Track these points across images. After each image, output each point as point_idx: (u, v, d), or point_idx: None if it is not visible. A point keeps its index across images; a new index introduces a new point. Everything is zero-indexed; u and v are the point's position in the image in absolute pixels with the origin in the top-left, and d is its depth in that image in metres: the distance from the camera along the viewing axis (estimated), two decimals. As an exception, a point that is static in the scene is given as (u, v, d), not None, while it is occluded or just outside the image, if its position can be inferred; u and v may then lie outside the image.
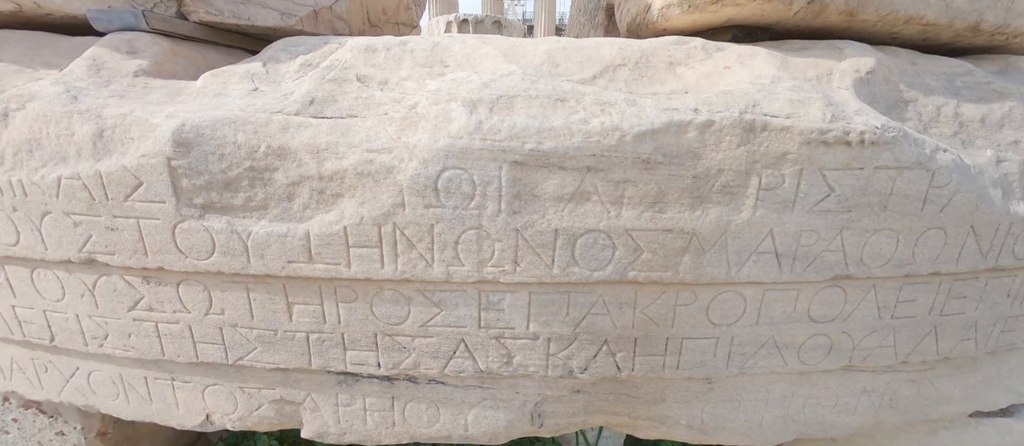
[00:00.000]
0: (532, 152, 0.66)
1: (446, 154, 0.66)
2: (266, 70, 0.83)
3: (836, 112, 0.68)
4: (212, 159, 0.70)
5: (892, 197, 0.71)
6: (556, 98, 0.68)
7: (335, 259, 0.73)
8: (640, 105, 0.68)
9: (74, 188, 0.72)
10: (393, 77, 0.75)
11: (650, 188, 0.68)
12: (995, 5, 0.85)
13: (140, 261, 0.76)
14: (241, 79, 0.80)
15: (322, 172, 0.70)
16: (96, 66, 0.80)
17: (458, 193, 0.68)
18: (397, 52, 0.77)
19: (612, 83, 0.74)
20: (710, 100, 0.68)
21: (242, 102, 0.74)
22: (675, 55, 0.78)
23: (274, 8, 1.01)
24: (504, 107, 0.67)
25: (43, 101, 0.73)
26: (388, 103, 0.71)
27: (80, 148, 0.72)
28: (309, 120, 0.71)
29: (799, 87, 0.70)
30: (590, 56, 0.76)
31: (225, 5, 0.98)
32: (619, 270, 0.73)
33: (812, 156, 0.68)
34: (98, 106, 0.73)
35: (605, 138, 0.66)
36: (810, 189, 0.70)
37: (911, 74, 0.83)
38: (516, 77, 0.70)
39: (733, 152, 0.67)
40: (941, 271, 0.78)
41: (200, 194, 0.71)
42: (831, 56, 0.79)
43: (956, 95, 0.82)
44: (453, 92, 0.68)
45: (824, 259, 0.74)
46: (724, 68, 0.75)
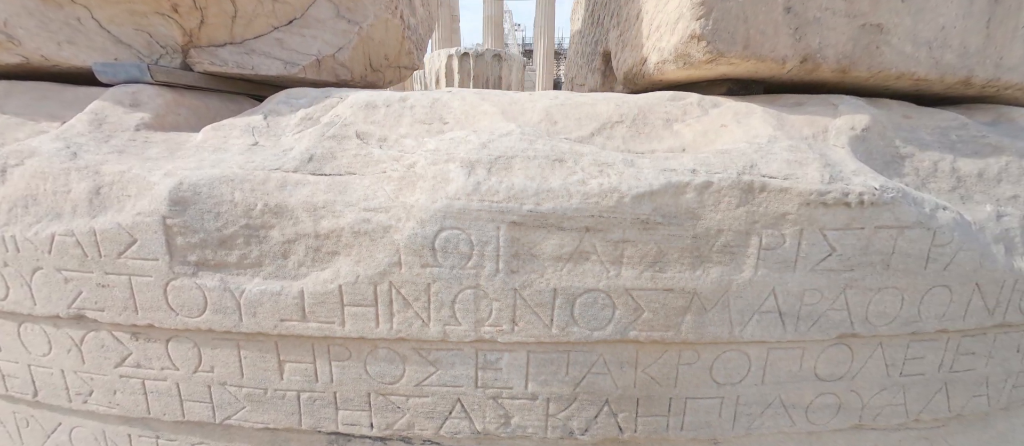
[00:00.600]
0: (530, 213, 0.66)
1: (444, 215, 0.66)
2: (267, 123, 0.83)
3: (834, 173, 0.68)
4: (208, 217, 0.69)
5: (894, 256, 0.71)
6: (554, 159, 0.68)
7: (329, 318, 0.71)
8: (638, 166, 0.68)
9: (67, 245, 0.71)
10: (392, 134, 0.75)
11: (650, 248, 0.68)
12: (984, 61, 0.87)
13: (130, 318, 0.74)
14: (242, 133, 0.81)
15: (318, 230, 0.69)
16: (98, 120, 0.81)
17: (455, 253, 0.68)
18: (397, 109, 0.78)
19: (610, 141, 0.74)
20: (708, 160, 0.69)
21: (241, 158, 0.74)
22: (672, 112, 0.79)
23: (278, 58, 1.04)
24: (502, 168, 0.67)
25: (42, 158, 0.74)
26: (387, 161, 0.71)
27: (76, 205, 0.72)
28: (307, 177, 0.71)
29: (796, 147, 0.71)
30: (588, 113, 0.77)
31: (230, 56, 1.00)
32: (620, 330, 0.71)
33: (812, 216, 0.67)
34: (97, 162, 0.73)
35: (603, 199, 0.66)
36: (811, 249, 0.69)
37: (906, 129, 0.83)
38: (514, 137, 0.70)
39: (732, 213, 0.67)
40: (948, 328, 0.77)
41: (194, 252, 0.71)
42: (826, 113, 0.80)
43: (952, 150, 0.82)
44: (451, 152, 0.69)
45: (828, 318, 0.73)
46: (721, 126, 0.75)
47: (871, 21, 0.78)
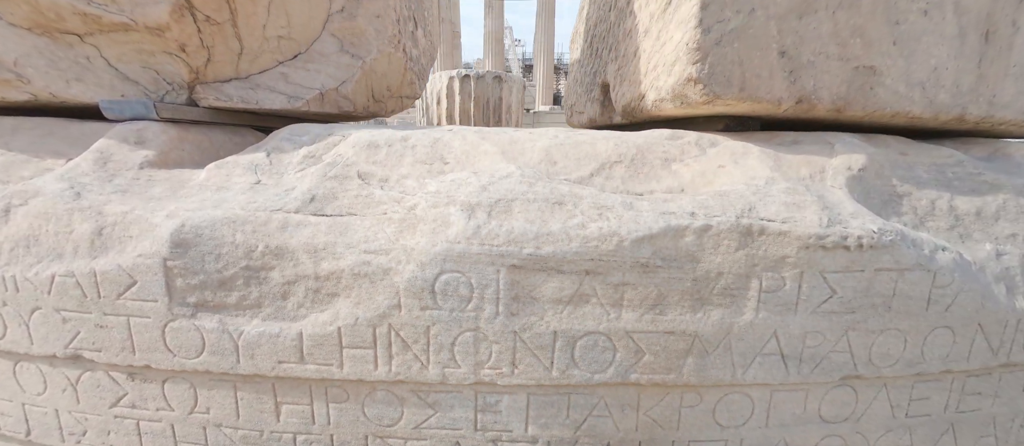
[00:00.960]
0: (530, 257, 0.66)
1: (444, 258, 0.66)
2: (270, 161, 0.84)
3: (832, 216, 0.68)
4: (209, 259, 0.69)
5: (895, 298, 0.70)
6: (554, 201, 0.68)
7: (327, 360, 0.71)
8: (637, 208, 0.68)
9: (67, 285, 0.71)
10: (393, 174, 0.76)
11: (650, 291, 0.68)
12: (978, 99, 0.88)
13: (127, 359, 0.74)
14: (244, 171, 0.82)
15: (319, 272, 0.69)
16: (103, 159, 0.82)
17: (455, 296, 0.67)
18: (398, 149, 0.79)
19: (609, 181, 0.75)
20: (706, 203, 0.69)
21: (243, 198, 0.75)
22: (670, 151, 0.80)
23: (282, 92, 1.05)
24: (502, 211, 0.68)
25: (46, 198, 0.74)
26: (388, 202, 0.72)
27: (77, 245, 0.72)
28: (309, 218, 0.72)
29: (793, 189, 0.71)
30: (587, 153, 0.78)
31: (235, 91, 1.01)
32: (621, 372, 0.70)
33: (811, 260, 0.68)
34: (100, 203, 0.74)
35: (603, 243, 0.66)
36: (812, 291, 0.69)
37: (902, 167, 0.84)
38: (514, 179, 0.71)
39: (732, 256, 0.67)
40: (953, 369, 0.76)
41: (194, 293, 0.71)
42: (823, 152, 0.81)
43: (949, 188, 0.83)
44: (452, 195, 0.69)
45: (831, 360, 0.72)
46: (718, 167, 0.76)
47: (864, 64, 0.80)
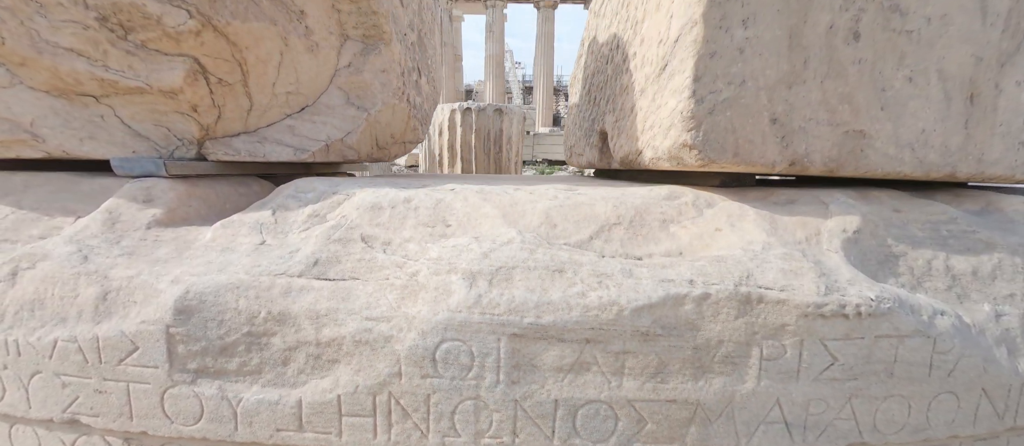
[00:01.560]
0: (531, 326, 0.66)
1: (445, 327, 0.67)
2: (275, 219, 0.86)
3: (829, 283, 0.69)
4: (211, 325, 0.70)
5: (897, 364, 0.70)
6: (554, 269, 0.69)
7: (326, 428, 0.70)
8: (636, 276, 0.69)
9: (69, 350, 0.72)
10: (396, 238, 0.77)
11: (651, 359, 0.68)
12: (966, 158, 0.91)
13: (124, 425, 0.73)
14: (250, 230, 0.83)
15: (320, 338, 0.70)
16: (111, 220, 0.83)
17: (456, 364, 0.67)
18: (401, 211, 0.81)
19: (608, 244, 0.76)
20: (705, 269, 0.70)
21: (247, 261, 0.76)
22: (667, 212, 0.81)
23: (289, 145, 1.08)
24: (503, 279, 0.69)
25: (54, 262, 0.75)
26: (390, 268, 0.73)
27: (82, 310, 0.73)
28: (312, 283, 0.73)
29: (790, 255, 0.72)
30: (586, 215, 0.80)
31: (242, 145, 1.04)
32: (623, 441, 0.69)
33: (811, 328, 0.68)
34: (106, 267, 0.75)
35: (603, 313, 0.66)
36: (813, 359, 0.69)
37: (896, 225, 0.86)
38: (515, 246, 0.72)
39: (732, 324, 0.68)
40: (959, 434, 0.75)
41: (195, 359, 0.71)
42: (817, 213, 0.82)
43: (944, 246, 0.84)
44: (454, 262, 0.70)
45: (836, 427, 0.71)
46: (715, 230, 0.77)
47: (854, 128, 0.82)
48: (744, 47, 0.75)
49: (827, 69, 0.79)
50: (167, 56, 0.86)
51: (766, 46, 0.76)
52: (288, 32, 0.98)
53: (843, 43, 0.78)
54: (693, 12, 0.75)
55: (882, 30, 0.80)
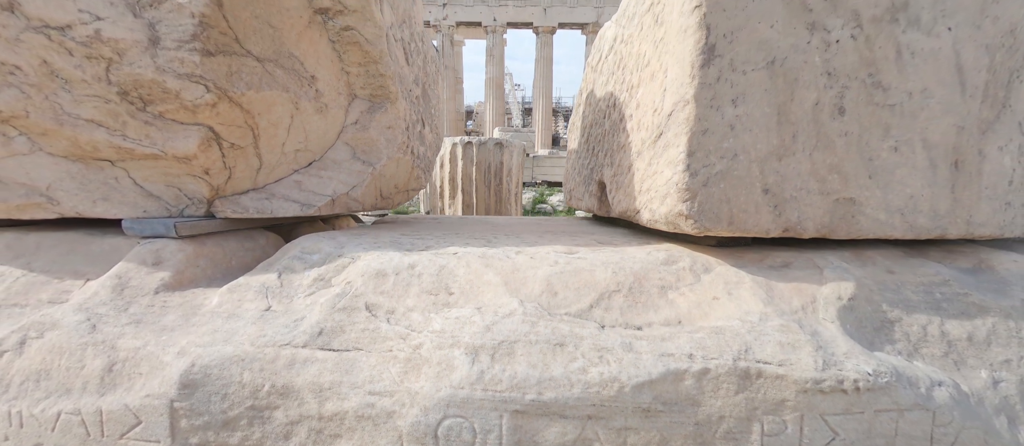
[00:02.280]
0: (533, 402, 0.67)
1: (448, 403, 0.67)
2: (280, 283, 0.87)
3: (826, 357, 0.70)
4: (215, 399, 0.70)
5: (898, 438, 0.70)
6: (556, 343, 0.71)
7: (327, 505, 0.70)
8: (637, 350, 0.70)
9: (72, 423, 0.72)
10: (400, 306, 0.79)
11: (653, 435, 0.68)
12: (955, 220, 0.93)
13: (122, 500, 0.72)
14: (256, 295, 0.85)
15: (323, 412, 0.70)
16: (120, 285, 0.85)
17: (458, 441, 0.68)
18: (405, 277, 0.82)
19: (608, 313, 0.78)
20: (704, 343, 0.71)
21: (253, 330, 0.77)
22: (666, 279, 0.83)
23: (296, 200, 1.11)
24: (505, 354, 0.70)
25: (62, 331, 0.76)
26: (394, 339, 0.74)
27: (87, 382, 0.73)
28: (316, 354, 0.73)
29: (787, 327, 0.73)
30: (586, 282, 0.81)
31: (251, 202, 1.07)
32: (626, 519, 0.69)
33: (811, 403, 0.68)
34: (114, 337, 0.76)
35: (604, 389, 0.67)
36: (814, 434, 0.69)
37: (891, 288, 0.87)
38: (517, 318, 0.73)
39: (732, 399, 0.68)
40: (966, 508, 0.74)
41: (197, 434, 0.71)
42: (812, 278, 0.84)
43: (938, 311, 0.85)
44: (456, 335, 0.71)
45: (840, 504, 0.71)
46: (713, 298, 0.79)
47: (844, 196, 0.85)
48: (735, 124, 0.79)
49: (815, 142, 0.82)
50: (183, 125, 0.90)
51: (756, 122, 0.79)
52: (299, 97, 1.03)
53: (829, 118, 0.82)
54: (685, 92, 0.79)
55: (866, 105, 0.84)
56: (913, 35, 0.84)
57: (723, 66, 0.77)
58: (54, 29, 0.79)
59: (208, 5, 0.82)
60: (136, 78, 0.83)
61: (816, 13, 0.79)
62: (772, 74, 0.79)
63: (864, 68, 0.83)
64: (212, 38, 0.84)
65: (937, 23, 0.85)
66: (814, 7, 0.79)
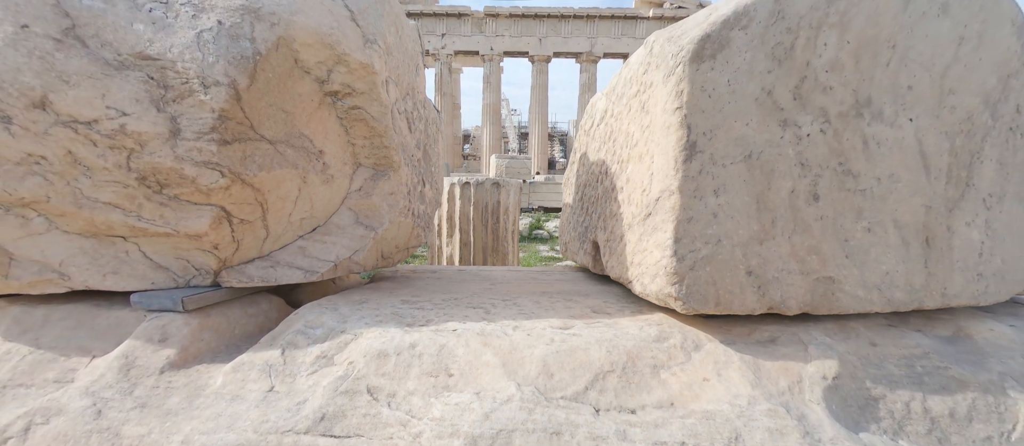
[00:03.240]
0: (530, 494, 0.68)
1: (447, 495, 0.68)
2: (284, 360, 0.90)
3: (813, 444, 0.73)
4: (217, 491, 0.71)
5: (887, 525, 0.72)
6: (552, 432, 0.73)
7: None
8: (631, 438, 0.72)
9: (70, 516, 0.72)
10: (401, 389, 0.81)
11: (647, 526, 0.69)
12: (931, 293, 0.98)
13: None
14: (259, 374, 0.87)
15: (323, 503, 0.71)
16: (126, 365, 0.87)
17: (457, 534, 0.68)
18: (406, 358, 0.85)
19: (603, 395, 0.80)
20: (696, 430, 0.74)
21: (256, 414, 0.78)
22: (658, 357, 0.86)
23: (299, 267, 1.14)
24: (503, 444, 0.72)
25: (67, 417, 0.78)
26: (395, 425, 0.76)
27: (89, 472, 0.74)
28: (317, 441, 0.75)
29: (775, 411, 0.76)
30: (581, 361, 0.84)
31: (256, 271, 1.10)
32: None
33: (800, 491, 0.70)
34: (119, 423, 0.77)
35: (600, 480, 0.69)
36: (805, 523, 0.71)
37: (874, 363, 0.91)
38: (514, 405, 0.76)
39: (723, 488, 0.70)
40: None
41: (197, 527, 0.71)
42: (798, 356, 0.88)
43: (920, 386, 0.89)
44: (456, 424, 0.74)
45: None
46: (703, 380, 0.82)
47: (823, 275, 0.90)
48: (717, 212, 0.84)
49: (793, 226, 0.88)
50: (196, 205, 0.94)
51: (737, 210, 0.85)
52: (307, 171, 1.08)
53: (805, 204, 0.88)
54: (670, 183, 0.85)
55: (838, 190, 0.90)
56: (878, 127, 0.91)
57: (704, 160, 0.84)
58: (82, 124, 0.85)
59: (227, 100, 0.88)
60: (155, 166, 0.88)
61: (787, 111, 0.86)
62: (750, 166, 0.85)
63: (834, 158, 0.89)
64: (229, 128, 0.90)
65: (899, 115, 0.93)
66: (785, 106, 0.86)
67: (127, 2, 0.86)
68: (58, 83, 0.83)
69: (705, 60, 0.82)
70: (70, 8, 0.83)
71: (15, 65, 0.81)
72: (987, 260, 1.03)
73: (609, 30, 23.71)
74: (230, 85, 0.87)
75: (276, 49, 0.93)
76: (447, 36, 24.24)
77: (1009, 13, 1.01)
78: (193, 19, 0.87)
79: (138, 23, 0.86)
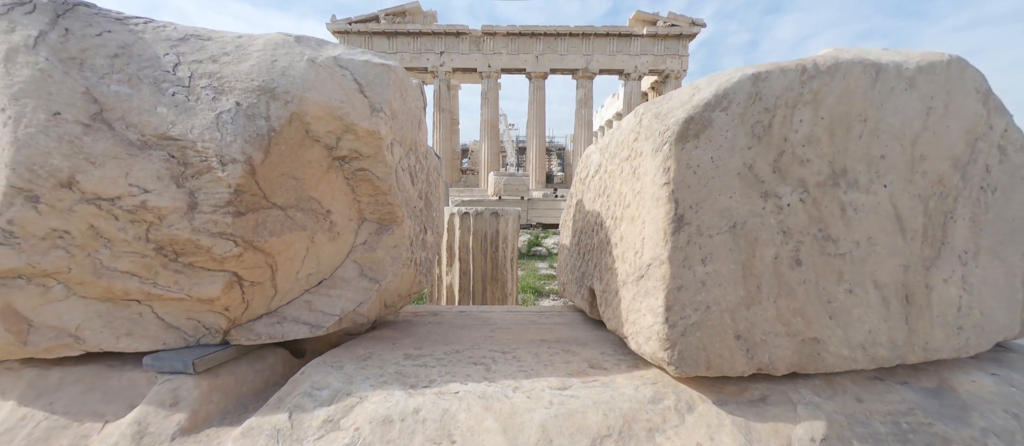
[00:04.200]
0: None
1: None
2: (291, 424, 0.93)
3: (802, 511, 0.76)
4: None
5: None
6: (551, 502, 0.76)
7: None
8: (627, 508, 0.75)
9: None
10: (406, 457, 0.84)
11: None
12: (913, 348, 1.02)
13: None
14: (268, 441, 0.89)
15: None
16: (139, 433, 0.89)
17: None
18: (410, 424, 0.88)
19: (600, 460, 0.83)
20: (688, 498, 0.77)
21: (266, 484, 0.81)
22: (653, 420, 0.90)
23: (305, 322, 1.18)
24: (505, 515, 0.74)
25: (82, 490, 0.80)
26: (399, 495, 0.79)
27: (102, 546, 0.76)
28: (325, 511, 0.78)
29: (764, 477, 0.80)
30: (579, 426, 0.88)
31: (263, 328, 1.14)
32: None
33: None
34: (132, 495, 0.80)
35: None
36: None
37: (860, 422, 0.94)
38: (515, 474, 0.79)
39: None
40: None
41: None
42: (787, 416, 0.91)
43: (906, 444, 0.92)
44: (459, 495, 0.76)
45: None
46: (697, 444, 0.85)
47: (808, 336, 0.94)
48: (706, 280, 0.89)
49: (778, 290, 0.93)
50: (209, 272, 0.98)
51: (724, 278, 0.90)
52: (315, 231, 1.13)
53: (788, 269, 0.93)
54: (660, 253, 0.90)
55: (819, 255, 0.95)
56: (854, 194, 0.97)
57: (692, 232, 0.89)
58: (105, 200, 0.90)
59: (243, 176, 0.93)
60: (173, 237, 0.93)
61: (768, 184, 0.92)
62: (735, 236, 0.91)
63: (814, 225, 0.95)
64: (244, 201, 0.95)
65: (874, 182, 0.99)
66: (766, 179, 0.92)
67: (152, 86, 0.92)
68: (85, 164, 0.88)
69: (690, 140, 0.88)
70: (99, 94, 0.89)
71: (46, 150, 0.86)
72: (966, 314, 1.08)
73: (604, 47, 24.28)
74: (246, 162, 0.93)
75: (289, 124, 0.99)
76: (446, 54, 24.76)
77: (973, 82, 1.09)
78: (213, 101, 0.94)
79: (161, 106, 0.92)
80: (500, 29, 24.01)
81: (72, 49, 0.89)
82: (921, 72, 1.02)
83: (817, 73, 0.94)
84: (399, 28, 24.18)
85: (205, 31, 1.03)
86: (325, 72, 1.05)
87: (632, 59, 24.08)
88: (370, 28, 24.06)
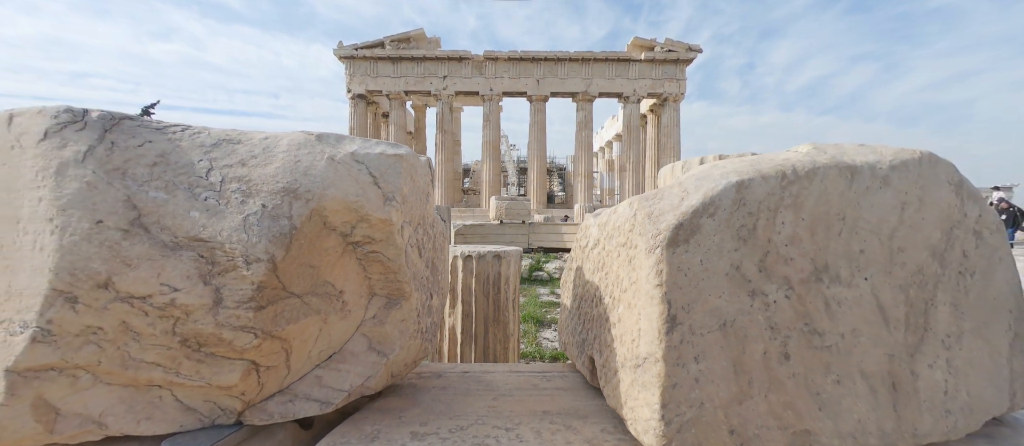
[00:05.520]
0: None
1: None
2: (303, 514, 0.96)
3: None
4: None
5: None
6: None
7: None
8: None
9: None
10: None
11: None
12: (903, 435, 1.06)
13: None
14: (280, 533, 0.93)
15: None
16: (158, 526, 0.93)
17: None
18: (418, 519, 0.92)
19: None
20: None
21: None
22: (651, 514, 0.93)
23: (316, 399, 1.23)
24: None
25: None
26: None
27: None
28: None
29: None
30: (580, 521, 0.91)
31: (276, 408, 1.18)
32: None
33: None
34: None
35: None
36: None
37: (853, 513, 0.97)
38: None
39: None
40: None
41: None
42: (781, 511, 0.94)
43: (897, 538, 0.95)
44: None
45: None
46: (693, 542, 0.88)
47: (799, 428, 0.98)
48: (699, 377, 0.94)
49: (768, 385, 0.98)
50: (229, 360, 1.04)
51: (716, 374, 0.95)
52: (328, 313, 1.19)
53: (777, 363, 0.98)
54: (655, 351, 0.95)
55: (807, 348, 1.01)
56: (836, 289, 1.03)
57: (684, 331, 0.95)
58: (137, 298, 0.97)
59: (266, 273, 1.00)
60: (198, 331, 0.99)
61: (754, 283, 0.99)
62: (725, 333, 0.96)
63: (800, 320, 1.01)
64: (265, 295, 1.02)
65: (855, 276, 1.05)
66: (752, 278, 0.99)
67: (186, 192, 1.01)
68: (121, 266, 0.95)
69: (680, 244, 0.95)
70: (138, 201, 0.97)
71: (87, 255, 0.93)
72: (953, 397, 1.12)
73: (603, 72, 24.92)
74: (269, 260, 1.00)
75: (309, 219, 1.07)
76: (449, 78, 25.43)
77: (945, 174, 1.17)
78: (241, 204, 1.02)
79: (194, 210, 1.00)
80: (502, 54, 24.74)
81: (116, 160, 0.98)
82: (894, 170, 1.10)
83: (796, 178, 1.02)
84: (403, 53, 24.93)
85: (235, 134, 1.13)
86: (343, 168, 1.14)
87: (631, 83, 24.68)
88: (375, 54, 24.83)
